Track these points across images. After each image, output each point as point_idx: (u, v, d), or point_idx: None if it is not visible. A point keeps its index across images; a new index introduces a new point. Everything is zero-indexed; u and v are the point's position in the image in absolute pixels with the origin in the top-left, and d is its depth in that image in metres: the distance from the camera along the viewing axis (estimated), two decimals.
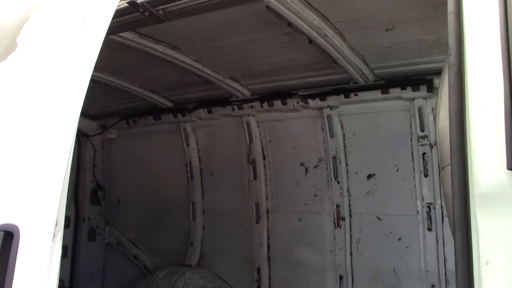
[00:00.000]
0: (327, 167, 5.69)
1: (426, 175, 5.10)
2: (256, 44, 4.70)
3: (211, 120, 6.35)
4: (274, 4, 3.77)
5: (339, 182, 5.60)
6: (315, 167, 5.81)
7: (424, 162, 5.10)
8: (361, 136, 5.51)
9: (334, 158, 5.61)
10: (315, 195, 5.81)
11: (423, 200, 5.13)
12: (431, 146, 5.05)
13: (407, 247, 5.22)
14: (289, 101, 5.65)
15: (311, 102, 5.54)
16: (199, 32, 4.51)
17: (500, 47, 1.81)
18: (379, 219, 5.39)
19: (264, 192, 6.13)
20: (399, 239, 5.27)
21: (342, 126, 5.59)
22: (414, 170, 5.19)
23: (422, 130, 5.07)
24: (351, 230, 5.57)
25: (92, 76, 2.25)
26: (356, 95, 5.28)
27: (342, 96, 5.34)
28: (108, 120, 7.21)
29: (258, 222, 6.15)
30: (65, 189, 2.03)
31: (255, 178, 6.16)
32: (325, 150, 5.70)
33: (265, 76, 5.49)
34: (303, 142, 5.87)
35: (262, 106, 5.84)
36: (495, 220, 1.70)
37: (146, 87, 6.20)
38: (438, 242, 5.02)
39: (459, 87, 1.85)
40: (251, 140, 6.14)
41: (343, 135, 5.59)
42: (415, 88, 4.94)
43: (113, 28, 2.54)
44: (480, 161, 1.75)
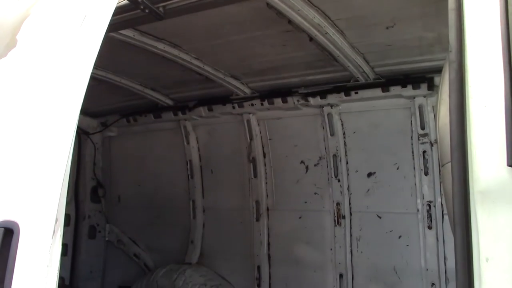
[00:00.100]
0: (327, 165, 5.69)
1: (426, 173, 5.10)
2: (257, 42, 4.69)
3: (211, 118, 6.34)
4: (275, 1, 3.76)
5: (339, 180, 5.60)
6: (315, 165, 5.81)
7: (425, 160, 5.10)
8: (361, 134, 5.51)
9: (335, 156, 5.61)
10: (315, 193, 5.81)
11: (423, 198, 5.12)
12: (432, 144, 5.04)
13: (407, 245, 5.22)
14: (289, 99, 5.64)
15: (312, 100, 5.54)
16: (199, 30, 4.51)
17: (501, 44, 1.81)
18: (379, 217, 5.39)
19: (265, 190, 6.13)
20: (399, 237, 5.26)
21: (342, 124, 5.59)
22: (414, 168, 5.18)
23: (423, 128, 5.07)
24: (351, 228, 5.57)
25: (93, 73, 2.25)
26: (356, 93, 5.28)
27: (343, 94, 5.34)
28: (109, 118, 7.21)
29: (258, 220, 6.15)
30: (65, 186, 2.02)
31: (256, 176, 6.16)
32: (325, 148, 5.70)
33: (265, 74, 5.49)
34: (304, 140, 5.87)
35: (262, 104, 5.84)
36: (495, 217, 1.70)
37: (147, 85, 6.20)
38: (438, 240, 5.02)
39: (460, 84, 1.85)
40: (251, 138, 6.14)
41: (344, 133, 5.59)
42: (416, 86, 4.94)
43: (113, 26, 2.54)
44: (481, 158, 1.75)
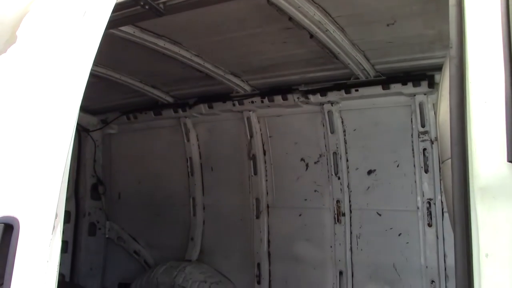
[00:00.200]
0: (327, 162, 5.69)
1: (426, 171, 5.10)
2: (257, 39, 4.69)
3: (211, 115, 6.34)
4: None
5: (339, 178, 5.60)
6: (315, 163, 5.81)
7: (425, 158, 5.10)
8: (361, 132, 5.51)
9: (335, 154, 5.61)
10: (315, 191, 5.81)
11: (423, 196, 5.13)
12: (432, 142, 5.04)
13: (407, 243, 5.22)
14: (289, 96, 5.64)
15: (312, 98, 5.54)
16: (200, 26, 4.50)
17: (502, 40, 1.81)
18: (379, 214, 5.39)
19: (265, 188, 6.14)
20: (399, 234, 5.27)
21: (342, 122, 5.59)
22: (414, 166, 5.19)
23: (423, 125, 5.07)
24: (351, 225, 5.57)
25: (93, 70, 2.25)
26: (357, 90, 5.28)
27: (343, 91, 5.34)
28: (109, 115, 7.21)
29: (258, 217, 6.15)
30: (65, 181, 2.03)
31: (256, 173, 6.16)
32: (325, 146, 5.70)
33: (265, 71, 5.48)
34: (304, 137, 5.87)
35: (262, 102, 5.84)
36: (495, 213, 1.70)
37: (147, 82, 6.19)
38: (438, 238, 5.03)
39: (460, 80, 1.85)
40: (251, 136, 6.14)
41: (344, 131, 5.59)
42: (416, 83, 4.94)
43: (113, 22, 2.53)
44: (481, 153, 1.75)
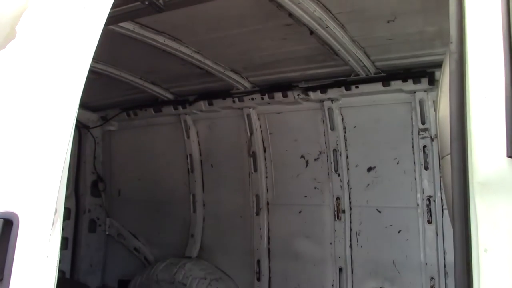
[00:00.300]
0: (327, 159, 5.69)
1: (426, 168, 5.10)
2: (257, 36, 4.68)
3: (211, 112, 6.34)
4: None
5: (339, 175, 5.60)
6: (315, 160, 5.81)
7: (425, 155, 5.10)
8: (361, 129, 5.50)
9: (335, 151, 5.61)
10: (315, 188, 5.81)
11: (423, 193, 5.12)
12: (432, 139, 5.04)
13: (407, 240, 5.22)
14: (289, 93, 5.64)
15: (312, 95, 5.53)
16: (200, 23, 4.49)
17: (502, 35, 1.80)
18: (379, 211, 5.39)
19: (265, 185, 6.14)
20: (399, 231, 5.27)
21: (342, 119, 5.58)
22: (414, 163, 5.18)
23: (423, 123, 5.06)
24: (351, 222, 5.57)
25: (93, 67, 2.25)
26: (357, 87, 5.27)
27: (343, 88, 5.33)
28: (109, 112, 7.21)
29: (258, 214, 6.16)
30: (64, 176, 2.02)
31: (256, 170, 6.16)
32: (325, 143, 5.70)
33: (266, 68, 5.48)
34: (304, 134, 5.87)
35: (262, 99, 5.84)
36: (494, 208, 1.70)
37: (147, 78, 6.19)
38: (437, 235, 5.03)
39: (460, 75, 1.84)
40: (251, 133, 6.14)
41: (344, 128, 5.58)
42: (416, 80, 4.93)
43: (113, 18, 2.53)
44: (480, 148, 1.75)
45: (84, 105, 6.90)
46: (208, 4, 3.76)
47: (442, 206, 5.00)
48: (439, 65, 3.90)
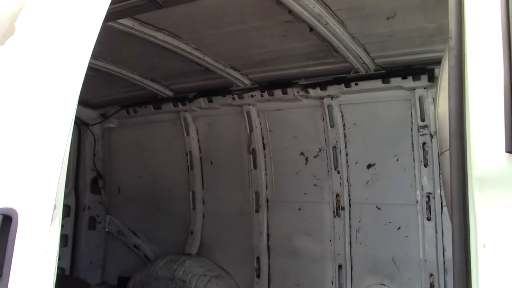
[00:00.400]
0: (327, 156, 5.69)
1: (426, 165, 5.09)
2: (257, 32, 4.67)
3: (211, 109, 6.34)
4: None
5: (339, 172, 5.60)
6: (315, 157, 5.81)
7: (424, 152, 5.10)
8: (361, 126, 5.50)
9: (334, 148, 5.61)
10: (315, 185, 5.82)
11: (422, 190, 5.13)
12: (431, 136, 5.03)
13: (406, 237, 5.23)
14: (289, 90, 5.63)
15: (312, 92, 5.53)
16: (199, 20, 4.48)
17: (501, 31, 1.80)
18: (379, 208, 5.40)
19: (264, 182, 6.14)
20: (398, 228, 5.27)
21: (342, 116, 5.58)
22: (414, 160, 5.18)
23: (423, 120, 5.06)
24: (350, 219, 5.58)
25: (92, 64, 2.25)
26: (356, 84, 5.27)
27: (343, 85, 5.33)
28: (108, 109, 7.21)
29: (258, 211, 6.16)
30: (63, 173, 2.02)
31: (255, 167, 6.16)
32: (325, 140, 5.70)
33: (265, 65, 5.47)
34: (303, 131, 5.87)
35: (262, 96, 5.83)
36: (493, 203, 1.70)
37: (146, 75, 6.19)
38: (437, 232, 5.03)
39: (459, 71, 1.84)
40: (251, 130, 6.14)
41: (344, 125, 5.58)
42: (416, 77, 4.93)
43: (112, 14, 2.53)
44: (479, 144, 1.75)
45: (83, 102, 6.90)
46: (208, 1, 3.76)
47: (442, 203, 5.00)
48: (438, 62, 3.89)
